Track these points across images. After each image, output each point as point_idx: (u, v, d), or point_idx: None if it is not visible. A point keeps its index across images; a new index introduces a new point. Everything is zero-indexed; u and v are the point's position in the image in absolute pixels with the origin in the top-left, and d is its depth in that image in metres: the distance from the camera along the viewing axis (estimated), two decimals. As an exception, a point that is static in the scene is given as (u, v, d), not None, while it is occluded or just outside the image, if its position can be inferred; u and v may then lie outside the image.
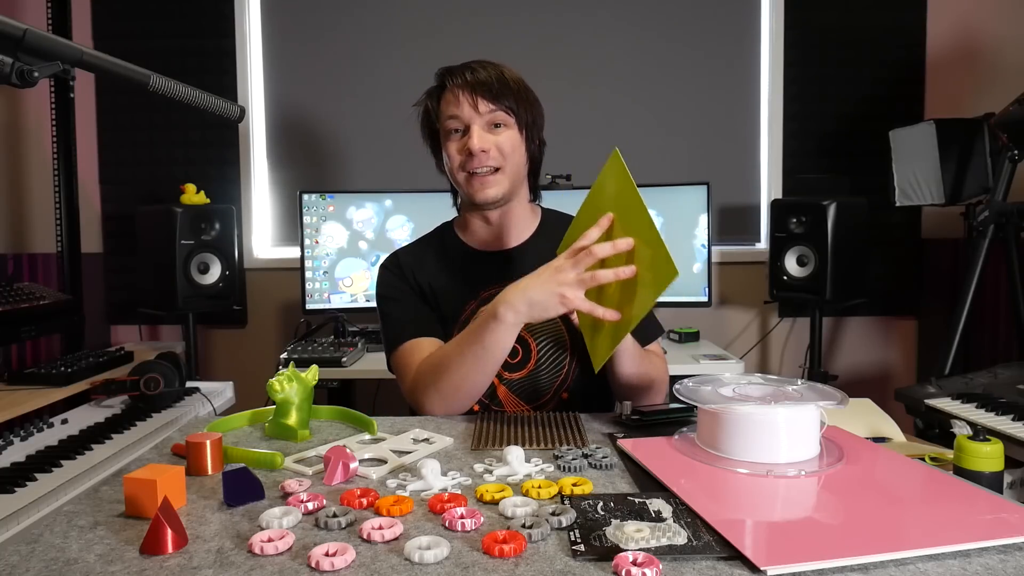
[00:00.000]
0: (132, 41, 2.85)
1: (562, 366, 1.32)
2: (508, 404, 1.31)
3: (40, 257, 2.81)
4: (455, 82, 1.25)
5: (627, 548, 0.64)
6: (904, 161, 2.48)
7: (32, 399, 1.80)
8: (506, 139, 1.26)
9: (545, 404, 1.31)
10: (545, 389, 1.31)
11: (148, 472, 0.77)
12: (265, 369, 2.84)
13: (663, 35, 2.90)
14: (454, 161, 1.27)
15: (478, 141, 1.22)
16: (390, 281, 1.37)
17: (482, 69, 1.26)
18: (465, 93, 1.24)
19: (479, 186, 1.25)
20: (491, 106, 1.24)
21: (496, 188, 1.26)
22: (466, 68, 1.26)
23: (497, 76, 1.25)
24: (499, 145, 1.25)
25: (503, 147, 1.25)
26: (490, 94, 1.24)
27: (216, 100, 1.04)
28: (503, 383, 1.31)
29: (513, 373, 1.31)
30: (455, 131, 1.26)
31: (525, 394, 1.31)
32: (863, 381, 2.96)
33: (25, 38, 0.81)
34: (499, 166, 1.26)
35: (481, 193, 1.26)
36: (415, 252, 1.41)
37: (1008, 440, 1.37)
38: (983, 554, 0.64)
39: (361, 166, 2.93)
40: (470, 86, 1.24)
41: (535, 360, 1.30)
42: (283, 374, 1.07)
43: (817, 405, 0.87)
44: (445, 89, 1.27)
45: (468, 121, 1.24)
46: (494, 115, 1.24)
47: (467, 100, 1.23)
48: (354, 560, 0.64)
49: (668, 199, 2.57)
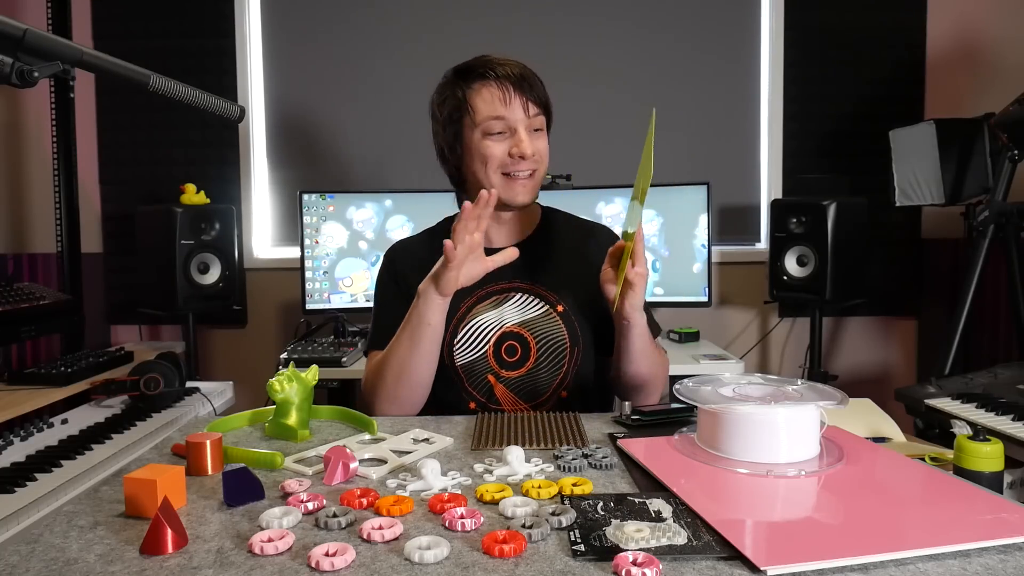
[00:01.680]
0: (132, 41, 2.85)
1: (561, 365, 1.31)
2: (506, 403, 1.31)
3: (40, 257, 2.81)
4: (503, 84, 1.23)
5: (627, 548, 0.64)
6: (904, 161, 2.48)
7: (32, 399, 1.80)
8: (543, 144, 1.30)
9: (544, 403, 1.31)
10: (544, 388, 1.31)
11: (148, 472, 0.77)
12: (265, 369, 2.84)
13: (663, 35, 2.90)
14: (494, 161, 1.25)
15: (529, 146, 1.24)
16: (384, 282, 1.40)
17: (526, 73, 1.26)
18: (516, 93, 1.23)
19: (520, 189, 1.27)
20: (536, 110, 1.26)
21: (533, 192, 1.29)
22: (510, 69, 1.25)
23: (533, 76, 1.27)
24: (539, 151, 1.28)
25: (541, 152, 1.29)
26: (536, 100, 1.26)
27: (216, 100, 1.04)
28: (500, 381, 1.31)
29: (511, 372, 1.31)
30: (498, 133, 1.25)
31: (523, 393, 1.31)
32: (863, 381, 2.96)
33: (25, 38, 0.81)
34: (536, 170, 1.28)
35: (521, 196, 1.27)
36: (414, 248, 1.42)
37: (1008, 440, 1.37)
38: (983, 554, 0.64)
39: (361, 166, 2.93)
40: (518, 86, 1.24)
41: (534, 359, 1.30)
42: (283, 374, 1.07)
43: (817, 405, 0.87)
44: (482, 83, 1.24)
45: (515, 124, 1.24)
46: (535, 120, 1.27)
47: (517, 102, 1.23)
48: (354, 560, 0.64)
49: (668, 199, 2.58)
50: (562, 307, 1.32)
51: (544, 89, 1.29)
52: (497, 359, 1.31)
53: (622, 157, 2.90)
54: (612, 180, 2.69)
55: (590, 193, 2.61)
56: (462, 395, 1.31)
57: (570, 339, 1.32)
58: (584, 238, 1.40)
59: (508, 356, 1.31)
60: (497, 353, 1.31)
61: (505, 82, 1.23)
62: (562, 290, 1.33)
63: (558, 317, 1.32)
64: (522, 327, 1.31)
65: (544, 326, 1.31)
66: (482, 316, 1.32)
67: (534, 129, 1.27)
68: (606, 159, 2.88)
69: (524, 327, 1.31)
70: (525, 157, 1.24)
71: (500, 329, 1.31)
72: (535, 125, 1.27)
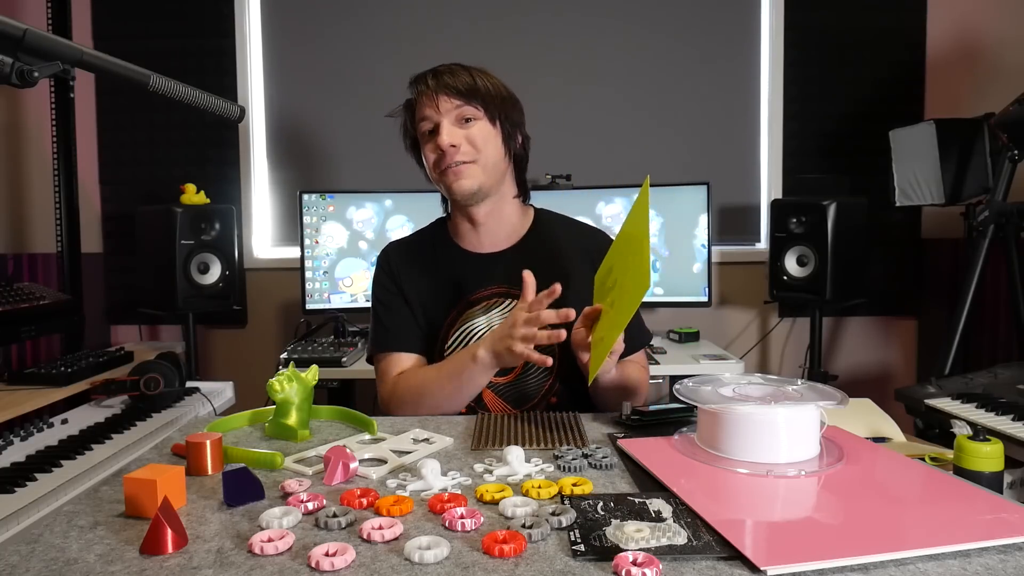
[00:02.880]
0: (132, 41, 2.85)
1: (550, 371, 1.30)
2: (495, 409, 1.31)
3: (40, 257, 2.81)
4: (420, 87, 1.27)
5: (627, 548, 0.64)
6: (904, 161, 2.47)
7: (32, 399, 1.80)
8: (476, 131, 1.26)
9: (532, 409, 1.30)
10: (532, 394, 1.31)
11: (148, 472, 0.77)
12: (265, 369, 2.84)
13: (663, 35, 2.90)
14: (430, 161, 1.28)
15: (447, 136, 1.23)
16: (382, 281, 1.39)
17: (446, 69, 1.28)
18: (429, 94, 1.25)
19: (453, 177, 1.26)
20: (456, 101, 1.25)
21: (471, 180, 1.26)
22: (430, 72, 1.28)
23: (462, 72, 1.27)
24: (469, 138, 1.25)
25: (474, 140, 1.25)
26: (454, 90, 1.25)
27: (216, 100, 1.04)
28: (489, 387, 1.30)
29: (500, 378, 1.30)
30: (428, 133, 1.27)
31: (512, 399, 1.31)
32: (863, 381, 2.96)
33: (25, 38, 0.81)
34: (472, 159, 1.26)
35: (456, 184, 1.26)
36: (406, 249, 1.42)
37: (1008, 440, 1.36)
38: (983, 554, 0.64)
39: (361, 166, 2.93)
40: (434, 86, 1.25)
41: (522, 365, 1.29)
42: (283, 374, 1.07)
43: (817, 405, 0.87)
44: (415, 93, 1.29)
45: (436, 120, 1.25)
46: (461, 110, 1.25)
47: (432, 99, 1.25)
48: (354, 560, 0.64)
49: (668, 199, 2.58)
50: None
51: (471, 81, 1.26)
52: None
53: (622, 157, 2.90)
54: (612, 180, 2.69)
55: (590, 193, 2.61)
56: None
57: (559, 345, 1.31)
58: (582, 244, 1.38)
59: None
60: None
61: (426, 86, 1.26)
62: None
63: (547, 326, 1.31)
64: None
65: None
66: (472, 322, 1.31)
67: (464, 119, 1.25)
68: (606, 159, 2.88)
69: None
70: (443, 148, 1.24)
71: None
72: (464, 115, 1.25)
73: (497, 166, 1.29)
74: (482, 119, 1.26)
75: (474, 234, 1.35)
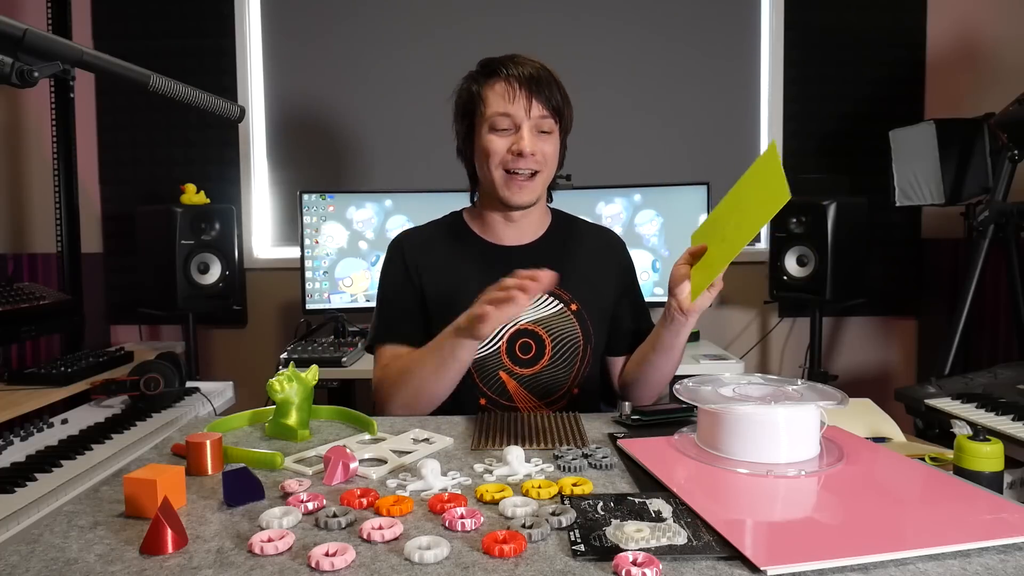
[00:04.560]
0: (132, 41, 2.85)
1: (575, 362, 1.33)
2: (519, 399, 1.31)
3: (40, 257, 2.81)
4: (511, 75, 1.25)
5: (627, 548, 0.64)
6: (904, 161, 2.47)
7: (32, 399, 1.80)
8: (550, 146, 1.28)
9: (557, 400, 1.32)
10: (558, 385, 1.32)
11: (148, 472, 0.77)
12: (265, 369, 2.84)
13: (663, 35, 2.90)
14: (496, 157, 1.26)
15: (529, 144, 1.24)
16: (393, 271, 1.38)
17: (542, 72, 1.27)
18: (523, 91, 1.24)
19: (517, 189, 1.27)
20: (543, 111, 1.26)
21: (532, 194, 1.29)
22: (522, 64, 1.26)
23: (549, 75, 1.27)
24: (544, 151, 1.27)
25: (547, 154, 1.28)
26: (543, 96, 1.25)
27: (216, 100, 1.04)
28: (513, 378, 1.31)
29: (525, 369, 1.31)
30: (503, 129, 1.26)
31: (537, 390, 1.32)
32: (863, 381, 2.96)
33: (25, 38, 0.81)
34: (540, 170, 1.28)
35: (518, 196, 1.28)
36: (424, 240, 1.40)
37: (1008, 440, 1.36)
38: (983, 554, 0.64)
39: (361, 166, 2.93)
40: (526, 84, 1.24)
41: (548, 356, 1.31)
42: (283, 374, 1.06)
43: (817, 405, 0.87)
44: (495, 79, 1.26)
45: (519, 122, 1.25)
46: (543, 121, 1.26)
47: (523, 99, 1.24)
48: (354, 560, 0.64)
49: (668, 199, 2.57)
50: (576, 306, 1.33)
51: (560, 94, 1.28)
52: (511, 356, 1.31)
53: (622, 157, 2.90)
54: (612, 180, 2.69)
55: (590, 193, 2.61)
56: (473, 391, 1.31)
57: (583, 337, 1.33)
58: (598, 242, 1.42)
59: (522, 353, 1.31)
60: (511, 350, 1.31)
61: (515, 80, 1.25)
62: (576, 289, 1.34)
63: (572, 316, 1.33)
64: (537, 325, 1.31)
65: (559, 324, 1.32)
66: None
67: (541, 131, 1.27)
68: (606, 159, 2.88)
69: (539, 325, 1.31)
70: (523, 154, 1.24)
71: (514, 326, 1.31)
72: (542, 127, 1.27)
73: (550, 180, 1.33)
74: (555, 134, 1.29)
75: (503, 229, 1.36)
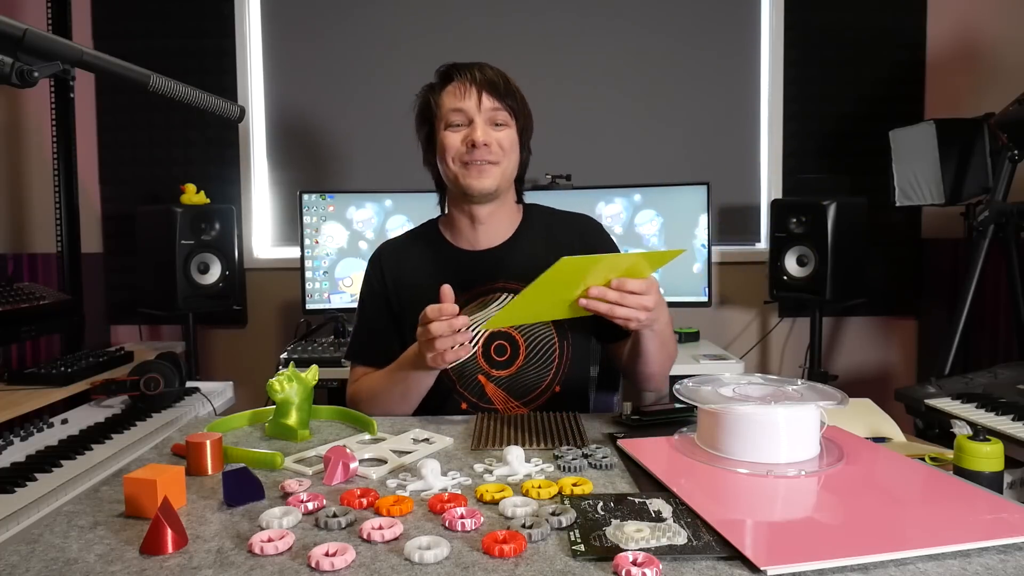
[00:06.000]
0: (132, 41, 2.84)
1: (551, 361, 1.33)
2: (497, 401, 1.32)
3: (40, 257, 2.80)
4: (463, 76, 1.29)
5: (627, 548, 0.64)
6: (904, 161, 2.47)
7: (32, 399, 1.80)
8: (505, 136, 1.30)
9: (536, 399, 1.32)
10: (535, 385, 1.32)
11: (148, 472, 0.77)
12: (265, 369, 2.84)
13: (663, 35, 2.90)
14: (452, 151, 1.29)
15: (482, 134, 1.26)
16: (370, 284, 1.42)
17: (489, 69, 1.31)
18: (473, 88, 1.28)
19: (476, 174, 1.28)
20: (496, 104, 1.28)
21: (491, 180, 1.29)
22: (474, 66, 1.31)
23: (503, 77, 1.31)
24: (499, 141, 1.29)
25: (503, 143, 1.29)
26: (496, 92, 1.28)
27: (216, 100, 1.04)
28: (491, 380, 1.32)
29: (501, 371, 1.32)
30: (456, 124, 1.29)
31: (515, 391, 1.32)
32: (863, 381, 2.96)
33: (25, 38, 0.81)
34: (497, 161, 1.29)
35: (477, 181, 1.28)
36: (400, 249, 1.44)
37: (1008, 440, 1.36)
38: (983, 554, 0.64)
39: (361, 166, 2.93)
40: (478, 82, 1.28)
41: (523, 357, 1.31)
42: (283, 374, 1.07)
43: (817, 405, 0.87)
44: (450, 82, 1.31)
45: (472, 115, 1.28)
46: (497, 113, 1.29)
47: (474, 94, 1.27)
48: (354, 560, 0.64)
49: (668, 199, 2.58)
50: None
51: (511, 88, 1.31)
52: (487, 359, 1.32)
53: (622, 157, 2.90)
54: (612, 180, 2.69)
55: (590, 193, 2.61)
56: (454, 396, 1.32)
57: (558, 335, 1.33)
58: (570, 232, 1.41)
59: (497, 356, 1.32)
60: (487, 353, 1.32)
61: (468, 79, 1.29)
62: None
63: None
64: (512, 328, 1.32)
65: (531, 324, 1.33)
66: (471, 318, 1.32)
67: (495, 123, 1.29)
68: (606, 159, 2.88)
69: (514, 328, 1.32)
70: (476, 144, 1.26)
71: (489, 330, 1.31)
72: (496, 119, 1.29)
73: (512, 172, 1.35)
74: (511, 127, 1.31)
75: (471, 232, 1.37)
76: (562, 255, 1.32)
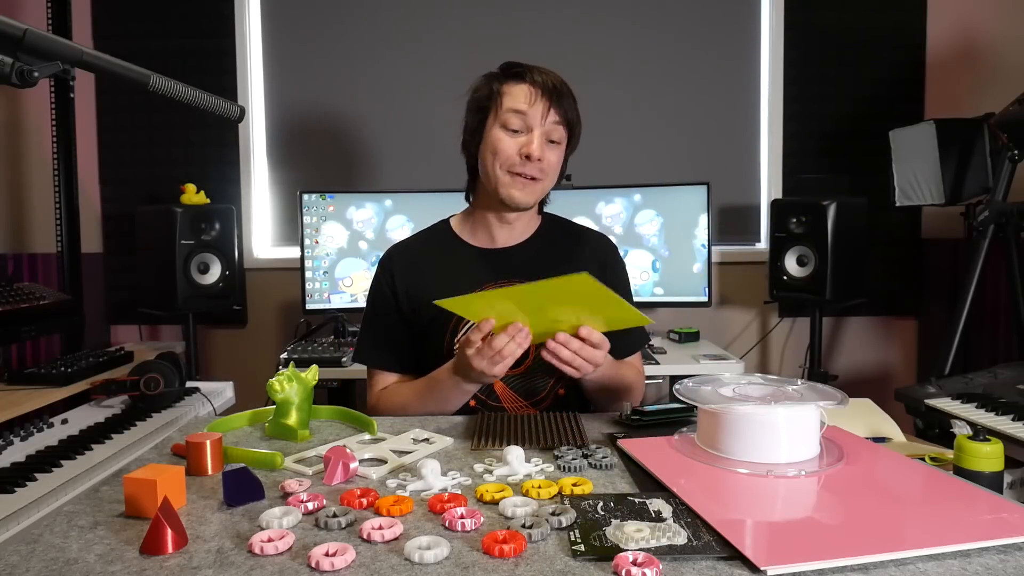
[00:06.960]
0: (132, 41, 2.84)
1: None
2: (506, 400, 1.32)
3: (40, 257, 2.80)
4: (535, 80, 1.27)
5: (627, 548, 0.64)
6: (904, 161, 2.47)
7: (32, 399, 1.80)
8: (556, 156, 1.30)
9: (542, 400, 1.33)
10: (541, 386, 1.33)
11: (148, 472, 0.77)
12: (265, 369, 2.84)
13: (663, 35, 2.90)
14: (503, 156, 1.27)
15: (538, 148, 1.25)
16: (380, 286, 1.40)
17: (560, 84, 1.29)
18: (543, 97, 1.26)
19: (520, 186, 1.28)
20: (558, 119, 1.27)
21: (532, 196, 1.30)
22: (545, 73, 1.29)
23: (569, 93, 1.30)
24: (549, 161, 1.29)
25: (551, 164, 1.30)
26: (561, 108, 1.27)
27: (216, 100, 1.04)
28: (501, 380, 1.31)
29: (511, 370, 1.31)
30: (514, 129, 1.27)
31: (523, 391, 1.33)
32: (863, 381, 2.96)
33: (25, 38, 0.81)
34: (542, 177, 1.29)
35: (521, 195, 1.28)
36: (412, 252, 1.43)
37: (1008, 440, 1.36)
38: (983, 554, 0.64)
39: (361, 166, 2.93)
40: (548, 92, 1.26)
41: (532, 357, 1.31)
42: (283, 374, 1.07)
43: (817, 405, 0.87)
44: (518, 81, 1.28)
45: (533, 124, 1.26)
46: (555, 128, 1.28)
47: (541, 104, 1.26)
48: (354, 560, 0.64)
49: (668, 199, 2.58)
50: None
51: (574, 108, 1.30)
52: None
53: (622, 157, 2.90)
54: (612, 180, 2.69)
55: (590, 193, 2.61)
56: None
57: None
58: (577, 243, 1.43)
59: None
60: None
61: (538, 86, 1.27)
62: None
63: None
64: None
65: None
66: None
67: (550, 140, 1.28)
68: (606, 159, 2.88)
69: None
70: (531, 158, 1.25)
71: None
72: (552, 135, 1.28)
73: (549, 189, 1.35)
74: (562, 146, 1.31)
75: (496, 229, 1.37)
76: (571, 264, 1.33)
